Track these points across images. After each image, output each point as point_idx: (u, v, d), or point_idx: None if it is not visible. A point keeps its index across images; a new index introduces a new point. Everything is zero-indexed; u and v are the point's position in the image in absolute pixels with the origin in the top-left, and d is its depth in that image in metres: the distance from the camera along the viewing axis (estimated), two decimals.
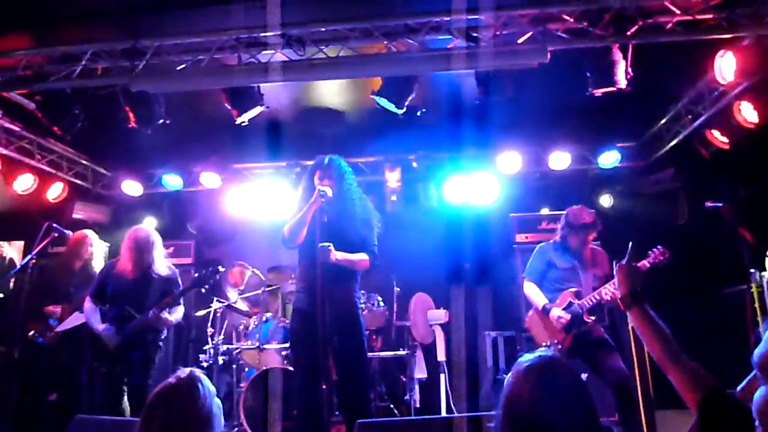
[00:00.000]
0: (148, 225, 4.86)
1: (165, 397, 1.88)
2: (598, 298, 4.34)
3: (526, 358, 1.62)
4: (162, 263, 4.70)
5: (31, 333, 5.11)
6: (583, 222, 4.50)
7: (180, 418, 1.82)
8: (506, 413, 1.55)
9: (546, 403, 1.49)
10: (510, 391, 1.57)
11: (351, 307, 3.95)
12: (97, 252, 5.55)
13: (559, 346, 4.39)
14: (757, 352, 1.29)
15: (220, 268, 4.61)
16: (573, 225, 4.54)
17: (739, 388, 1.51)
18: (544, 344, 4.44)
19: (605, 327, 5.50)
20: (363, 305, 5.59)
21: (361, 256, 3.89)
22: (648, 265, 4.19)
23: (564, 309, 4.42)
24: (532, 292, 4.64)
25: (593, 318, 4.39)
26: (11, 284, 6.34)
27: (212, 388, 1.94)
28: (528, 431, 1.49)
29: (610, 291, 4.29)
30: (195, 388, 1.88)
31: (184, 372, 1.95)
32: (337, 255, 3.73)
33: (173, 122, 5.15)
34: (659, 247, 4.22)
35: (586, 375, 5.53)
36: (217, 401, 1.94)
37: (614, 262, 2.14)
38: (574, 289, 4.48)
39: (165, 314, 4.45)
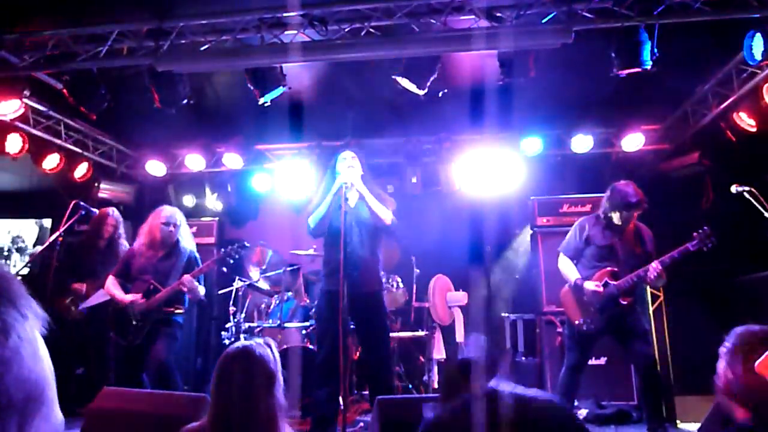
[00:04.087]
0: (172, 205, 4.95)
1: (240, 356, 2.08)
2: (635, 279, 4.21)
3: None
4: (188, 241, 4.82)
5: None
6: (627, 201, 4.29)
7: (256, 374, 2.03)
8: None
9: None
10: None
11: (374, 287, 4.16)
12: (121, 229, 5.66)
13: (592, 326, 4.30)
14: None
15: (246, 244, 4.75)
16: (617, 202, 4.35)
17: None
18: (577, 321, 4.34)
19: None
20: (384, 286, 5.69)
21: (387, 210, 4.14)
22: (691, 249, 4.06)
23: None
24: (566, 266, 4.54)
25: (629, 299, 4.27)
26: (39, 261, 6.51)
27: (277, 355, 2.15)
28: None
29: (649, 271, 4.13)
30: (264, 350, 2.10)
31: (252, 340, 2.18)
32: (363, 190, 4.03)
33: (197, 103, 5.20)
34: (705, 228, 4.07)
35: (605, 359, 5.57)
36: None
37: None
38: (611, 269, 4.34)
39: (196, 283, 4.57)
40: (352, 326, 4.35)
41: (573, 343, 4.42)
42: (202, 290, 4.72)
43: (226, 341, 5.63)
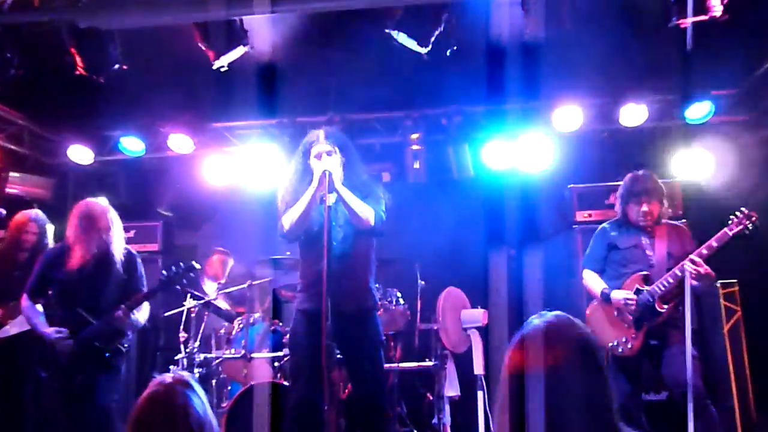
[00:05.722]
0: (103, 200, 4.88)
1: (156, 410, 2.00)
2: (672, 281, 4.34)
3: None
4: (120, 248, 4.73)
5: None
6: (642, 186, 4.57)
7: None
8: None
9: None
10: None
11: (364, 304, 4.18)
12: (47, 237, 5.59)
13: (629, 346, 4.42)
14: None
15: (196, 265, 4.69)
16: (630, 190, 4.62)
17: None
18: (610, 344, 4.47)
19: (693, 331, 5.46)
20: (378, 302, 5.65)
21: (368, 208, 4.09)
22: (730, 234, 4.24)
23: None
24: (590, 279, 4.76)
25: (668, 306, 4.36)
26: None
27: (202, 392, 2.08)
28: None
29: (689, 269, 4.22)
30: (188, 395, 2.02)
31: (169, 377, 2.08)
32: (341, 188, 3.99)
33: (133, 68, 5.15)
34: (743, 209, 4.27)
35: (666, 394, 5.52)
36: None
37: None
38: (642, 273, 4.50)
39: (134, 315, 4.51)
40: (339, 355, 4.34)
41: (614, 372, 4.50)
42: (146, 310, 4.69)
43: None
